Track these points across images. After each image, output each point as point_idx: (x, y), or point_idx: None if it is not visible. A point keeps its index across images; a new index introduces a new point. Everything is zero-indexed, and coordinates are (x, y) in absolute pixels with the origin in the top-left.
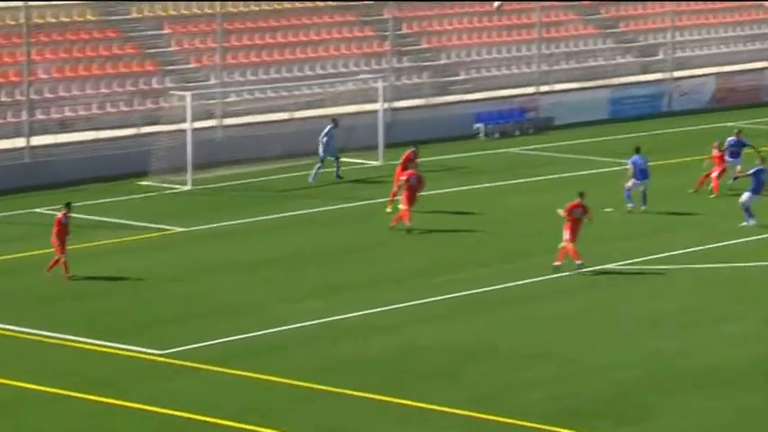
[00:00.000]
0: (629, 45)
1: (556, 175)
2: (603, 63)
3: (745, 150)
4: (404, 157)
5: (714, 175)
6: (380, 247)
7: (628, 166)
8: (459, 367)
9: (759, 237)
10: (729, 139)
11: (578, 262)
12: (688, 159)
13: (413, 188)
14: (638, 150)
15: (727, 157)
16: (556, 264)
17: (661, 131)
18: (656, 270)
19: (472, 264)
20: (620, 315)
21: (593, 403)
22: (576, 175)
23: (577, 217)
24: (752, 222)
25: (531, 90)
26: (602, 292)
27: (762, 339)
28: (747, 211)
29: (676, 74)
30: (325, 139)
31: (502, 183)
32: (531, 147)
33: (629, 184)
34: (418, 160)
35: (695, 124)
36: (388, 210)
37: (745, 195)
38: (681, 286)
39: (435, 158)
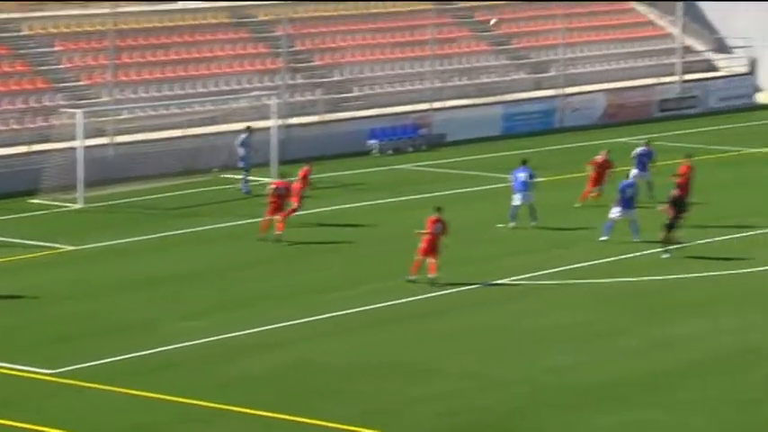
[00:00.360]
0: (521, 62)
1: (448, 192)
2: (496, 79)
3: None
4: (301, 173)
5: (595, 185)
6: (272, 264)
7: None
8: (351, 383)
9: (651, 251)
10: (640, 149)
11: (412, 277)
12: (579, 175)
13: (280, 197)
14: (524, 162)
15: (635, 170)
16: (410, 277)
17: (553, 147)
18: (548, 285)
19: (364, 280)
20: (513, 330)
21: (486, 419)
22: (469, 191)
23: (437, 232)
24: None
25: (424, 106)
26: (494, 308)
27: (655, 353)
28: (633, 225)
29: (568, 90)
30: (243, 150)
31: (395, 199)
32: (424, 163)
33: (517, 201)
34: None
35: (586, 140)
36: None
37: (615, 211)
38: (573, 301)
39: (329, 175)
